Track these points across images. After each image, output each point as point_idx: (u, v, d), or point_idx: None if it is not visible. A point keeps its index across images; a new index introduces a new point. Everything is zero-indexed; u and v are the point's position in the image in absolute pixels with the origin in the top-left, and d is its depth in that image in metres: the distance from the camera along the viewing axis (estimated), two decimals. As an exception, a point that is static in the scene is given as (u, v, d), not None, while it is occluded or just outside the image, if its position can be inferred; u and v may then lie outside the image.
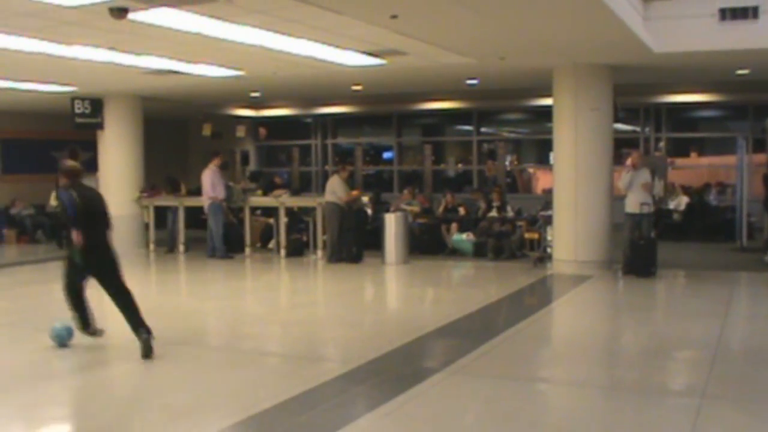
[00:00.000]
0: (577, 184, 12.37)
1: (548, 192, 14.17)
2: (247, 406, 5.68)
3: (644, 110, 19.67)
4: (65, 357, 7.52)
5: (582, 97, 12.30)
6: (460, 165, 22.77)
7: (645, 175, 12.28)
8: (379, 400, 5.89)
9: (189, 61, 11.46)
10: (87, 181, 16.78)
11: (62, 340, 7.65)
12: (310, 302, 11.20)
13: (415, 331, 8.26)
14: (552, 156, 13.74)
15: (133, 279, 13.35)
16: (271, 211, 15.78)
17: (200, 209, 15.39)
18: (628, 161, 12.54)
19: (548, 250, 13.23)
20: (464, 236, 14.83)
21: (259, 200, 15.85)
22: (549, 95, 13.11)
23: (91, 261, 7.39)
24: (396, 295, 12.14)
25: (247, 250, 15.21)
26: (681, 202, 17.45)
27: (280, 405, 5.73)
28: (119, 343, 8.59)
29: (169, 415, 5.70)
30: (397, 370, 6.86)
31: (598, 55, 11.63)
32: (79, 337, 7.73)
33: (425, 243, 14.98)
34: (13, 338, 8.45)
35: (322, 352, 8.02)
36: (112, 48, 10.08)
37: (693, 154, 20.86)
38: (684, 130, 20.80)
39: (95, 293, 7.61)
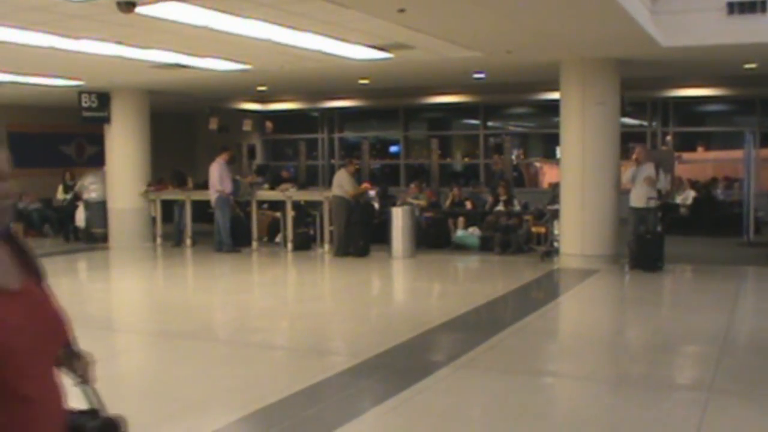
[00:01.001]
0: (583, 178, 12.35)
1: (555, 186, 14.15)
2: (253, 400, 5.70)
3: (651, 104, 19.63)
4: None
5: (589, 91, 12.28)
6: (466, 159, 22.76)
7: (649, 170, 12.26)
8: (386, 394, 5.90)
9: (196, 55, 11.47)
10: (94, 175, 16.98)
11: None
12: (316, 296, 11.22)
13: (421, 325, 8.27)
14: (559, 150, 13.72)
15: (140, 273, 13.51)
16: (278, 205, 15.78)
17: (207, 203, 15.42)
18: (634, 156, 12.55)
19: (555, 244, 13.21)
20: (469, 231, 14.84)
21: (266, 194, 15.86)
22: (556, 89, 13.08)
23: None
24: (403, 289, 12.15)
25: (254, 243, 15.22)
26: (688, 196, 17.42)
27: (287, 399, 5.75)
28: (125, 338, 8.64)
29: (177, 408, 5.72)
30: (403, 364, 6.87)
31: (605, 49, 11.59)
32: (86, 334, 7.74)
33: (432, 237, 14.97)
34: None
35: (329, 346, 8.04)
36: (119, 42, 10.09)
37: (700, 149, 20.82)
38: (691, 125, 20.73)
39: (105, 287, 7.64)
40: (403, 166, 22.61)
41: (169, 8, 7.97)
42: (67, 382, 2.14)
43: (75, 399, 2.19)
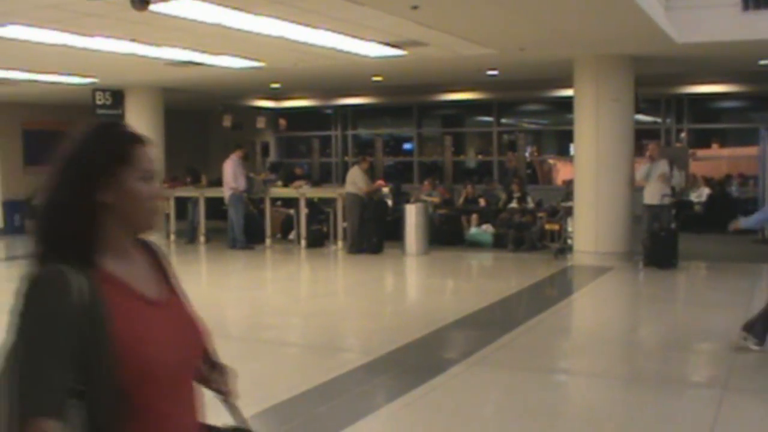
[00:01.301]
0: (597, 175, 12.30)
1: (569, 183, 14.10)
2: (266, 397, 5.69)
3: (666, 101, 19.51)
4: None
5: (603, 88, 12.23)
6: (480, 156, 22.73)
7: (663, 167, 12.21)
8: (400, 391, 5.90)
9: (210, 53, 11.49)
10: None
11: None
12: (330, 293, 11.23)
13: (435, 322, 8.27)
14: (572, 147, 13.67)
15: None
16: (291, 202, 15.81)
17: (221, 200, 15.44)
18: (648, 152, 12.51)
19: (569, 241, 13.18)
20: (482, 228, 14.83)
21: (279, 191, 15.89)
22: (570, 86, 13.05)
23: None
24: (416, 286, 12.15)
25: (268, 240, 15.24)
26: (702, 193, 17.33)
27: (300, 395, 5.76)
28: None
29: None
30: (416, 361, 6.87)
31: (619, 46, 11.55)
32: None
33: (445, 234, 14.96)
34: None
35: (342, 343, 8.05)
36: (133, 39, 10.12)
37: (714, 146, 20.71)
38: (706, 121, 20.62)
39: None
40: (416, 163, 22.57)
41: (183, 6, 7.98)
42: (207, 396, 2.06)
43: (214, 414, 2.11)
